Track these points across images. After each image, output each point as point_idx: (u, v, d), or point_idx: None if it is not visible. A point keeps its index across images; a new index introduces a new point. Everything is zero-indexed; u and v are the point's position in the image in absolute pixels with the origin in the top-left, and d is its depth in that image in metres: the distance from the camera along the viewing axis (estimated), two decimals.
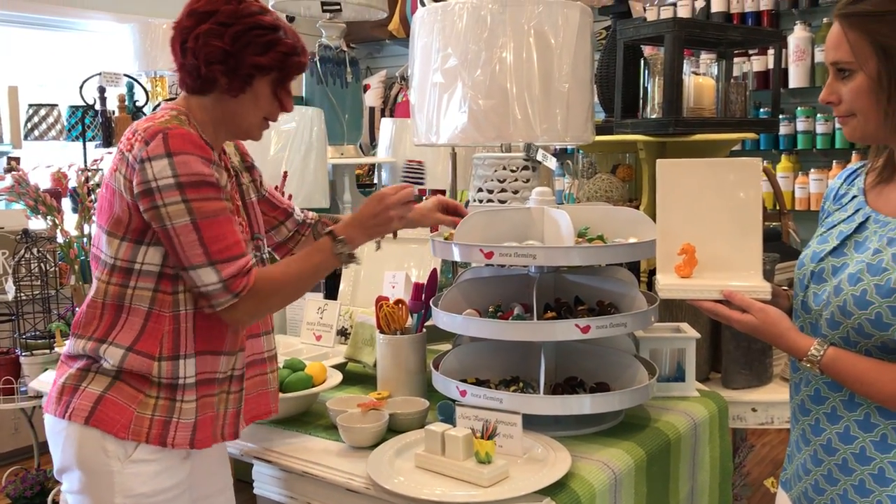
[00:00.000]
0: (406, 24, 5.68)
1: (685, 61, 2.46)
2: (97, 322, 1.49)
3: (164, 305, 1.47)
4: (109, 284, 1.48)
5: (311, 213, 1.91)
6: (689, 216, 1.51)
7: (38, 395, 2.52)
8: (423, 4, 3.20)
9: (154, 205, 1.41)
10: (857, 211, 1.39)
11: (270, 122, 1.61)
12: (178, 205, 1.40)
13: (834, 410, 1.38)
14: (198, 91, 1.52)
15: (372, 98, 6.04)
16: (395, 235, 1.92)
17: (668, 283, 1.46)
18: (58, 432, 1.51)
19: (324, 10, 3.30)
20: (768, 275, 2.08)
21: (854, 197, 1.42)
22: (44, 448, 2.95)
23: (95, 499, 1.48)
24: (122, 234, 1.46)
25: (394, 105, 6.04)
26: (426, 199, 3.75)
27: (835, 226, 1.42)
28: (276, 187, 2.59)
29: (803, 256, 1.45)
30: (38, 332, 2.80)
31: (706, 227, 1.50)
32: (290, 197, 2.59)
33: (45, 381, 2.35)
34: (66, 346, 1.55)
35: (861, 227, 1.37)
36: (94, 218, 2.95)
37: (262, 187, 1.78)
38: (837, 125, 4.30)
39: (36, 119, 4.46)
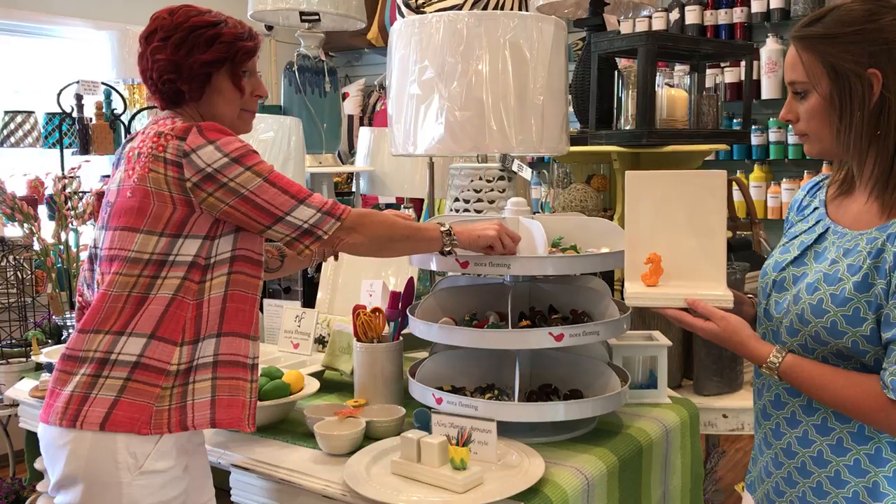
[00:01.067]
0: (385, 33, 5.70)
1: (658, 73, 2.51)
2: (116, 316, 1.50)
3: (189, 293, 1.51)
4: (140, 277, 1.51)
5: None
6: (657, 226, 1.54)
7: (14, 404, 2.51)
8: (401, 14, 3.23)
9: (220, 184, 1.49)
10: (817, 222, 1.43)
11: (253, 112, 1.68)
12: (245, 173, 1.49)
13: (793, 415, 1.42)
14: (172, 105, 1.60)
15: (351, 106, 6.06)
16: (336, 258, 2.05)
17: (635, 292, 1.50)
18: (62, 445, 1.48)
19: (302, 20, 3.32)
20: (738, 283, 2.12)
21: (816, 209, 1.46)
22: (19, 457, 2.94)
23: None
24: (160, 230, 1.50)
25: (373, 113, 6.06)
26: (404, 207, 3.76)
27: (797, 236, 1.46)
28: None
29: (766, 266, 1.50)
30: (14, 341, 2.78)
31: (673, 237, 1.54)
32: None
33: (21, 390, 2.34)
34: (65, 349, 1.52)
35: (821, 237, 1.41)
36: (91, 223, 2.95)
37: None
38: None
39: (12, 126, 4.43)
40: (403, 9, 3.46)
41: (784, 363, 1.36)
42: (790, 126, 1.41)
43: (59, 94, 4.13)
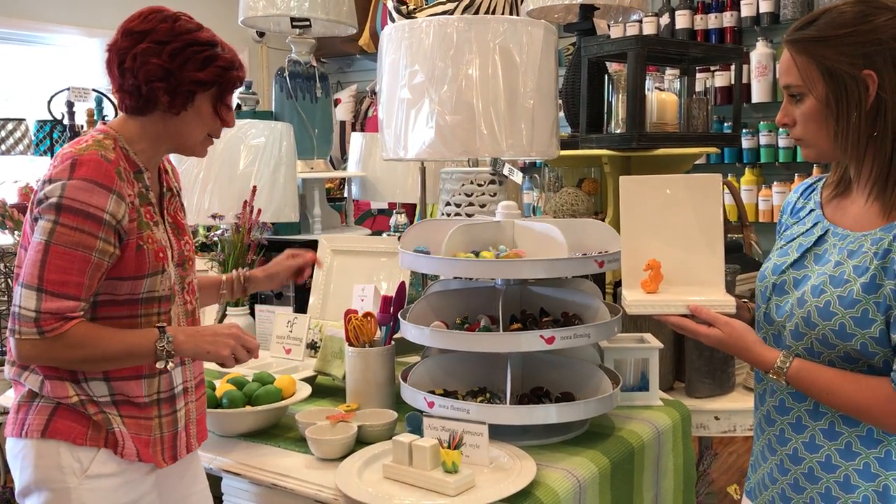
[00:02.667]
0: (376, 39, 5.71)
1: (648, 77, 2.51)
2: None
3: None
4: None
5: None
6: (653, 232, 1.54)
7: (5, 412, 2.50)
8: (392, 21, 3.24)
9: (35, 217, 1.41)
10: (815, 224, 1.43)
11: (214, 139, 1.61)
12: (48, 223, 1.38)
13: (799, 420, 1.42)
14: (138, 111, 1.51)
15: (342, 112, 6.06)
16: (246, 293, 1.96)
17: (636, 299, 1.49)
18: (16, 454, 1.49)
19: (293, 26, 3.32)
20: (729, 286, 2.13)
21: (811, 210, 1.46)
22: (6, 467, 2.92)
23: None
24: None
25: (364, 119, 6.06)
26: (396, 212, 3.75)
27: (794, 239, 1.46)
28: (246, 202, 2.60)
29: (764, 269, 1.49)
30: (5, 349, 2.77)
31: (669, 243, 1.53)
32: (259, 212, 2.61)
33: (9, 397, 2.33)
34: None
35: (820, 239, 1.40)
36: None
37: None
38: None
39: (3, 133, 4.42)
40: (395, 14, 3.47)
41: (792, 368, 1.36)
42: (780, 129, 1.42)
43: (49, 101, 4.13)
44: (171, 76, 1.47)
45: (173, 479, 1.63)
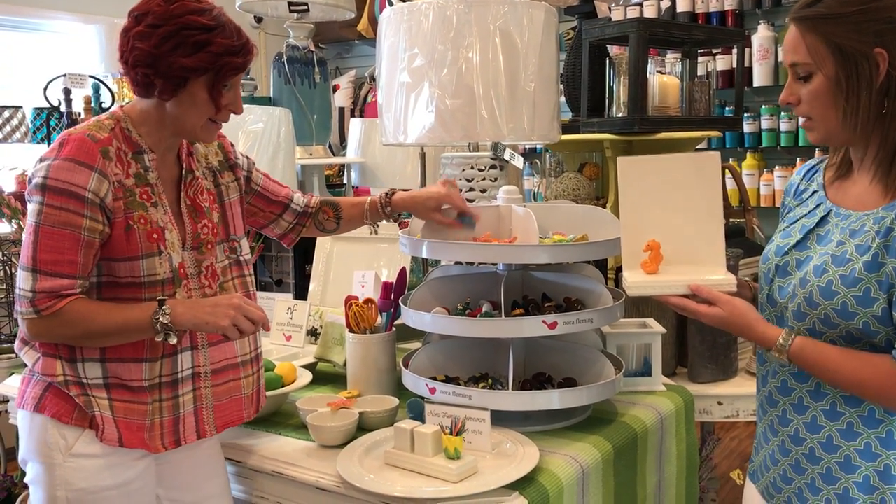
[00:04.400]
0: (375, 24, 5.67)
1: (650, 60, 2.49)
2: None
3: None
4: None
5: (313, 200, 1.90)
6: (652, 212, 1.52)
7: (4, 400, 2.49)
8: (391, 4, 3.21)
9: (27, 199, 1.44)
10: (818, 206, 1.42)
11: (220, 124, 1.58)
12: (36, 205, 1.42)
13: (801, 401, 1.41)
14: (141, 94, 1.51)
15: (341, 98, 6.03)
16: (393, 218, 1.94)
17: (636, 281, 1.48)
18: (19, 423, 1.55)
19: (291, 11, 3.29)
20: (733, 270, 2.11)
21: (814, 192, 1.45)
22: (10, 454, 2.92)
23: (43, 490, 1.49)
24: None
25: (363, 105, 6.03)
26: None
27: (797, 220, 1.45)
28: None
29: (767, 251, 1.48)
30: (3, 336, 2.76)
31: (669, 223, 1.51)
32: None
33: (11, 386, 2.32)
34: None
35: (823, 220, 1.40)
36: None
37: (252, 183, 1.77)
38: (801, 123, 4.37)
39: (0, 121, 4.39)
40: None
41: (794, 345, 1.35)
42: (782, 113, 1.40)
43: (45, 88, 4.10)
44: (159, 61, 1.43)
45: (177, 468, 1.61)
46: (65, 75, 4.10)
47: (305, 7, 3.27)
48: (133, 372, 1.49)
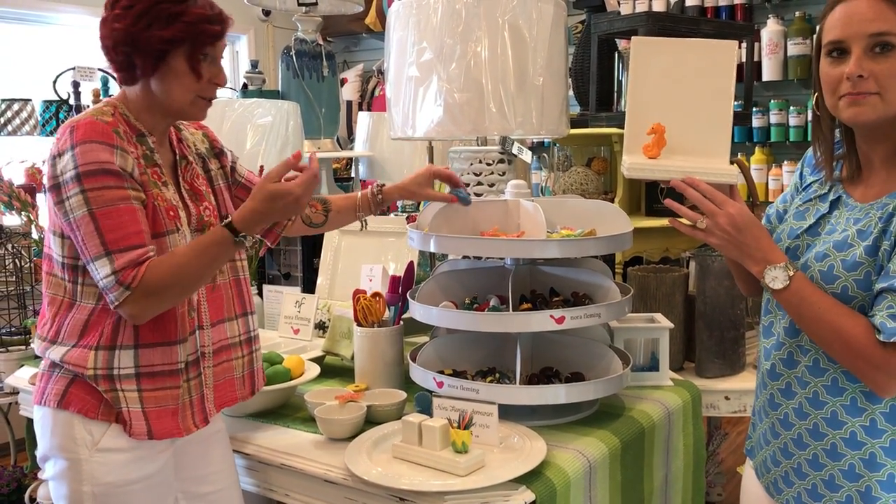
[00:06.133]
0: (383, 18, 5.66)
1: None
2: (51, 322, 1.51)
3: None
4: (63, 281, 1.50)
5: None
6: (661, 97, 1.46)
7: (14, 392, 2.50)
8: None
9: (60, 199, 1.42)
10: (831, 188, 1.41)
11: (210, 100, 1.57)
12: (77, 197, 1.40)
13: (788, 386, 1.41)
14: (126, 81, 1.52)
15: (349, 92, 6.03)
16: (385, 211, 1.93)
17: (635, 163, 1.42)
18: (38, 420, 1.54)
19: (299, 4, 3.29)
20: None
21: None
22: (20, 445, 2.94)
23: (68, 486, 1.49)
24: (62, 232, 1.47)
25: (371, 99, 6.03)
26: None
27: (811, 200, 1.44)
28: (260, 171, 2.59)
29: (781, 231, 1.47)
30: (13, 329, 2.77)
31: (676, 110, 1.45)
32: None
33: (21, 378, 2.33)
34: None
35: (833, 206, 1.39)
36: None
37: (237, 175, 1.77)
38: (811, 117, 4.34)
39: (9, 114, 4.40)
40: None
41: (799, 274, 1.33)
42: (792, 108, 1.38)
43: (55, 81, 4.11)
44: (137, 39, 1.45)
45: (189, 460, 1.62)
46: (74, 68, 4.12)
47: (314, 1, 3.27)
48: (169, 355, 1.50)
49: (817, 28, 1.40)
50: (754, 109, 4.45)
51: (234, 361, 1.65)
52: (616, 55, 2.59)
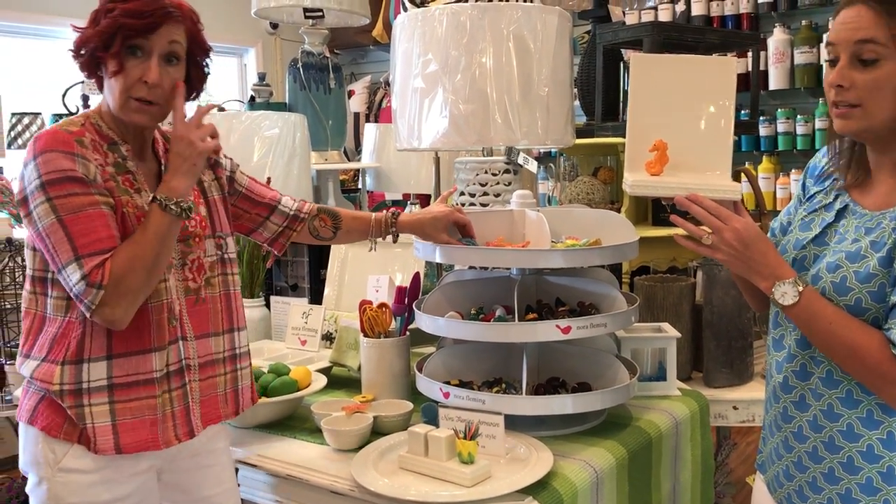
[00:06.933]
0: (389, 30, 5.69)
1: None
2: (25, 337, 1.49)
3: (75, 311, 1.43)
4: (36, 295, 1.48)
5: (307, 206, 1.85)
6: (661, 114, 1.45)
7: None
8: (405, 10, 3.22)
9: (28, 211, 1.40)
10: (836, 197, 1.39)
11: (139, 100, 1.48)
12: (44, 204, 1.37)
13: (802, 399, 1.40)
14: (97, 86, 1.52)
15: (357, 104, 6.06)
16: (395, 239, 1.90)
17: (638, 180, 1.41)
18: (19, 433, 1.54)
19: (306, 17, 3.31)
20: None
21: (835, 179, 1.42)
22: None
23: (38, 502, 1.48)
24: (34, 245, 1.45)
25: (378, 110, 6.06)
26: (411, 203, 3.73)
27: (816, 210, 1.42)
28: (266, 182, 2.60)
29: (786, 243, 1.45)
30: (9, 342, 2.79)
31: (677, 126, 1.45)
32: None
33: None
34: None
35: (839, 215, 1.37)
36: None
37: (236, 184, 1.73)
38: (818, 126, 4.35)
39: (19, 128, 4.44)
40: (408, 4, 3.45)
41: (809, 289, 1.31)
42: (799, 116, 1.37)
43: (64, 95, 4.14)
44: (81, 40, 1.47)
45: (187, 478, 1.59)
46: (83, 82, 4.14)
47: (320, 13, 3.29)
48: (144, 364, 1.46)
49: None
50: (761, 118, 4.45)
51: (218, 378, 1.60)
52: (621, 65, 2.59)
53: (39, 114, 4.51)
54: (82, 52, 1.47)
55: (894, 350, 1.25)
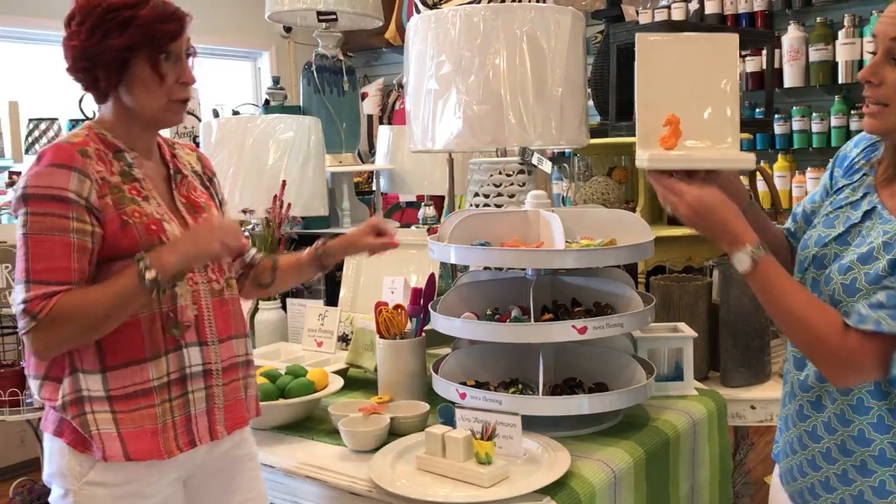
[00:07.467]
0: (402, 32, 5.70)
1: None
2: (26, 354, 1.47)
3: None
4: None
5: (257, 254, 1.81)
6: (669, 91, 1.46)
7: (42, 407, 2.54)
8: (418, 12, 3.22)
9: (16, 216, 1.40)
10: (864, 196, 1.36)
11: (182, 101, 1.51)
12: (21, 216, 1.38)
13: (819, 399, 1.39)
14: (98, 99, 1.50)
15: (370, 106, 6.07)
16: (328, 263, 1.81)
17: (655, 154, 1.41)
18: (44, 442, 1.52)
19: (319, 20, 3.33)
20: None
21: (865, 175, 1.39)
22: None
23: None
24: None
25: (392, 112, 6.07)
26: (424, 204, 3.74)
27: (841, 207, 1.40)
28: (275, 197, 2.61)
29: (808, 238, 1.43)
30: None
31: (684, 102, 1.46)
32: (289, 206, 2.61)
33: None
34: None
35: (866, 216, 1.34)
36: None
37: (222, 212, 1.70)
38: (834, 123, 4.32)
39: (36, 133, 4.48)
40: (420, 6, 3.46)
41: (767, 256, 1.30)
42: (814, 114, 1.35)
43: (80, 101, 4.17)
44: (94, 52, 1.42)
45: (215, 486, 1.58)
46: None
47: (334, 16, 3.30)
48: (139, 374, 1.43)
49: None
50: (776, 116, 4.42)
51: (240, 381, 1.59)
52: (635, 65, 2.59)
53: (56, 119, 4.55)
54: (91, 62, 1.44)
55: (847, 319, 1.25)
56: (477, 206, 2.21)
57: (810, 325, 1.28)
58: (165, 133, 1.68)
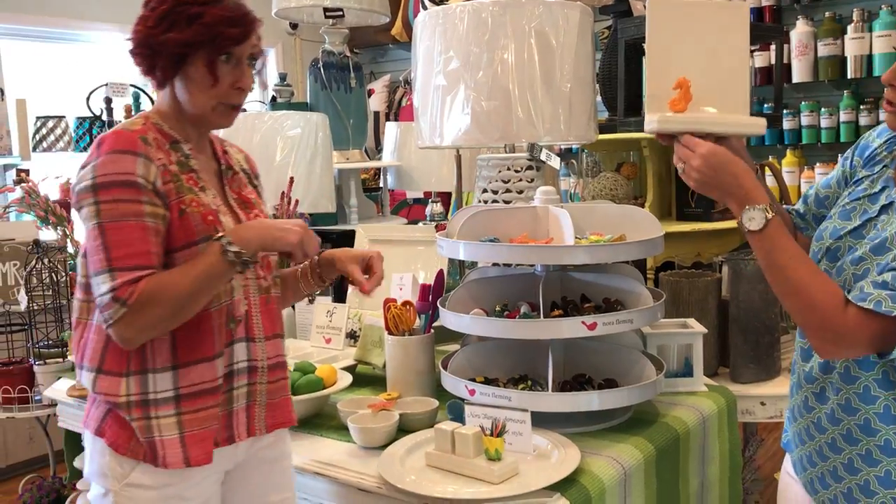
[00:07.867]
0: (409, 29, 5.69)
1: None
2: (77, 346, 1.47)
3: None
4: (87, 303, 1.45)
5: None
6: (679, 55, 1.46)
7: (53, 404, 2.55)
8: (425, 8, 3.22)
9: (77, 208, 1.38)
10: (882, 189, 1.36)
11: (234, 106, 1.50)
12: (90, 207, 1.35)
13: (822, 391, 1.39)
14: (155, 86, 1.49)
15: (377, 102, 6.06)
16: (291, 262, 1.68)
17: (665, 116, 1.41)
18: (85, 440, 1.51)
19: (326, 17, 3.32)
20: None
21: (885, 167, 1.39)
22: (59, 456, 2.98)
23: None
24: (84, 251, 1.42)
25: (398, 109, 6.06)
26: (432, 201, 3.72)
27: (859, 199, 1.39)
28: (283, 193, 2.61)
29: (823, 229, 1.43)
30: (50, 342, 2.82)
31: (694, 67, 1.46)
32: (296, 203, 2.62)
33: (59, 390, 2.37)
34: None
35: (883, 210, 1.34)
36: None
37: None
38: (842, 118, 4.30)
39: (44, 131, 4.49)
40: (427, 3, 3.46)
41: (776, 219, 1.30)
42: (823, 109, 1.34)
43: (88, 98, 4.18)
44: (156, 41, 1.41)
45: (251, 486, 1.57)
46: (106, 85, 4.19)
47: (340, 13, 3.30)
48: (209, 371, 1.43)
49: None
50: (785, 111, 4.40)
51: (285, 381, 1.59)
52: (643, 59, 2.58)
53: (63, 117, 4.55)
54: (151, 50, 1.42)
55: (848, 294, 1.25)
56: (485, 202, 2.21)
57: (810, 292, 1.27)
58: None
